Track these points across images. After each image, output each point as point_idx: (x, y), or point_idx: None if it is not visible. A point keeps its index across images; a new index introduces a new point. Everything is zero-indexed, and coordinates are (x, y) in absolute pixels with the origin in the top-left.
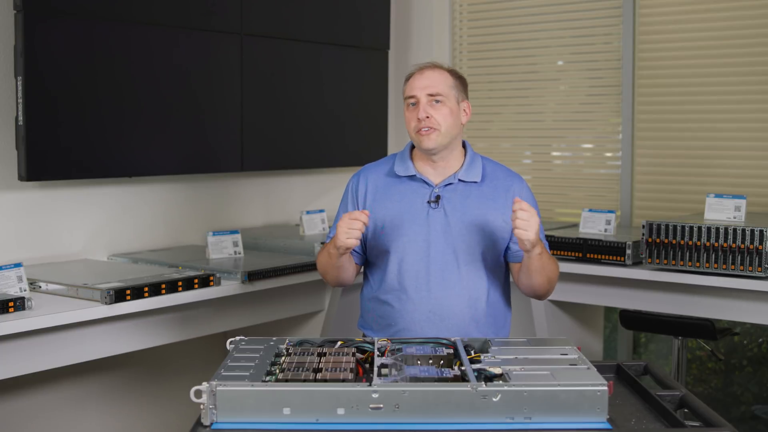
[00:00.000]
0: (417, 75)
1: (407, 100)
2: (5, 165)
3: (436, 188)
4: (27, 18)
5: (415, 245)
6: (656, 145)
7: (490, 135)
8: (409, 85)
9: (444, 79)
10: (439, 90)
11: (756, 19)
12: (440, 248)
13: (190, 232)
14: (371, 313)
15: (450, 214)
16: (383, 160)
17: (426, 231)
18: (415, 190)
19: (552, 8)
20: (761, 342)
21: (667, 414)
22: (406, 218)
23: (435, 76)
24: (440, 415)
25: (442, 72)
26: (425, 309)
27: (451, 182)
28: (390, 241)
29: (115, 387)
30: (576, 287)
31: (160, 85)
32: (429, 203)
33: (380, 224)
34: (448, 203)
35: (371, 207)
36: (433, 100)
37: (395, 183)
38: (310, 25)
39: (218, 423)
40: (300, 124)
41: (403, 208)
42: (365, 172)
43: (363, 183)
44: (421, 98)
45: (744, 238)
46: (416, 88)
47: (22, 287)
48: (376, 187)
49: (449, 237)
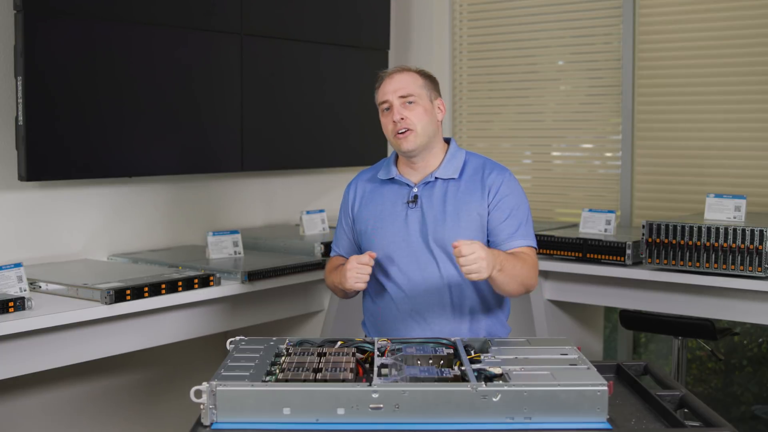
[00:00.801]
0: (386, 80)
1: (381, 106)
2: (5, 165)
3: (415, 188)
4: (27, 18)
5: (395, 246)
6: (656, 145)
7: (490, 135)
8: (381, 91)
9: (413, 80)
10: (410, 90)
11: (756, 19)
12: (419, 248)
13: (190, 232)
14: (367, 314)
15: (426, 213)
16: (375, 165)
17: (405, 231)
18: (396, 192)
19: (552, 8)
20: (761, 342)
21: (667, 414)
22: (387, 220)
23: (404, 78)
24: (440, 415)
25: (411, 73)
26: (407, 308)
27: (428, 181)
28: (374, 243)
29: (115, 387)
30: (576, 287)
31: (160, 85)
32: (408, 203)
33: (364, 228)
34: (426, 201)
35: (358, 212)
36: (406, 102)
37: (378, 187)
38: (310, 25)
39: (218, 423)
40: (300, 124)
41: (384, 211)
42: (356, 179)
43: (353, 190)
44: (393, 101)
45: (744, 238)
46: (387, 93)
47: (22, 287)
48: (363, 192)
49: (426, 236)
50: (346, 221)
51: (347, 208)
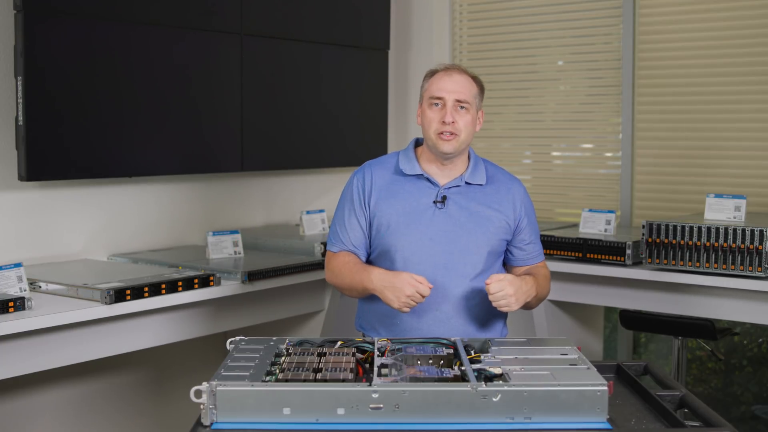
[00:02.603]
0: (445, 77)
1: (430, 100)
2: (5, 165)
3: (442, 189)
4: (27, 18)
5: (421, 244)
6: (656, 145)
7: (490, 135)
8: (436, 86)
9: (471, 87)
10: (466, 97)
11: (756, 19)
12: (446, 248)
13: (190, 232)
14: (374, 313)
15: (455, 215)
16: (385, 157)
17: (432, 230)
18: (421, 190)
19: (552, 8)
20: (761, 342)
21: (667, 414)
22: (413, 217)
23: (464, 82)
24: (440, 415)
25: (469, 78)
26: (432, 308)
27: (457, 184)
28: (395, 239)
29: (115, 387)
30: (576, 287)
31: (161, 85)
32: (435, 203)
33: (386, 223)
34: (454, 204)
35: (377, 204)
36: (459, 106)
37: (401, 181)
38: (309, 25)
39: (218, 423)
40: (300, 124)
41: (410, 208)
42: (369, 168)
43: (369, 179)
44: (448, 102)
45: (744, 238)
46: (444, 90)
47: (22, 287)
48: (382, 184)
49: (454, 237)
50: (361, 212)
51: (362, 199)
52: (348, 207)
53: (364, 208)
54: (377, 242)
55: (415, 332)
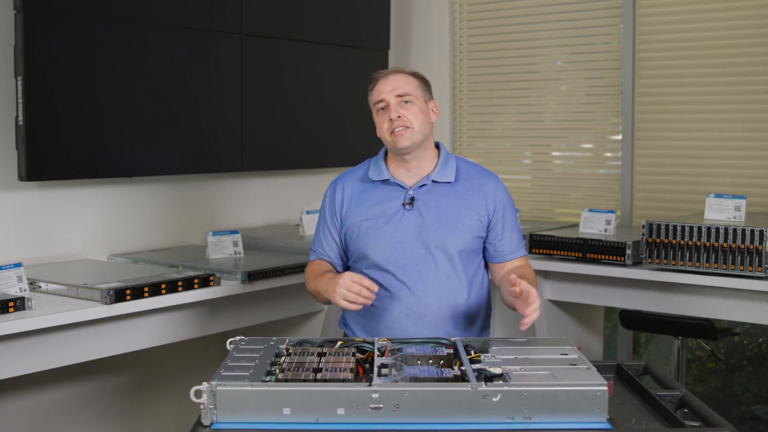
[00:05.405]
0: (382, 80)
1: (376, 106)
2: (5, 165)
3: (410, 190)
4: (27, 18)
5: (390, 247)
6: (656, 145)
7: (490, 135)
8: (376, 91)
9: (408, 81)
10: (406, 90)
11: (756, 19)
12: (416, 249)
13: (190, 232)
14: (353, 313)
15: (425, 215)
16: (358, 166)
17: (400, 233)
18: (390, 194)
19: (552, 8)
20: (761, 342)
21: (667, 414)
22: (382, 221)
23: (400, 79)
24: (440, 415)
25: (406, 75)
26: (404, 307)
27: (424, 183)
28: (366, 244)
29: (114, 387)
30: (576, 287)
31: (160, 85)
32: (404, 205)
33: (356, 228)
34: (423, 204)
35: (348, 213)
36: (402, 101)
37: (369, 188)
38: (309, 25)
39: (218, 423)
40: (300, 124)
41: (379, 212)
42: (341, 180)
43: (339, 191)
44: (390, 100)
45: (744, 238)
46: (384, 92)
47: (22, 287)
48: (352, 193)
49: (424, 237)
50: (333, 223)
51: (334, 209)
52: (322, 218)
53: (335, 219)
54: (352, 248)
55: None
